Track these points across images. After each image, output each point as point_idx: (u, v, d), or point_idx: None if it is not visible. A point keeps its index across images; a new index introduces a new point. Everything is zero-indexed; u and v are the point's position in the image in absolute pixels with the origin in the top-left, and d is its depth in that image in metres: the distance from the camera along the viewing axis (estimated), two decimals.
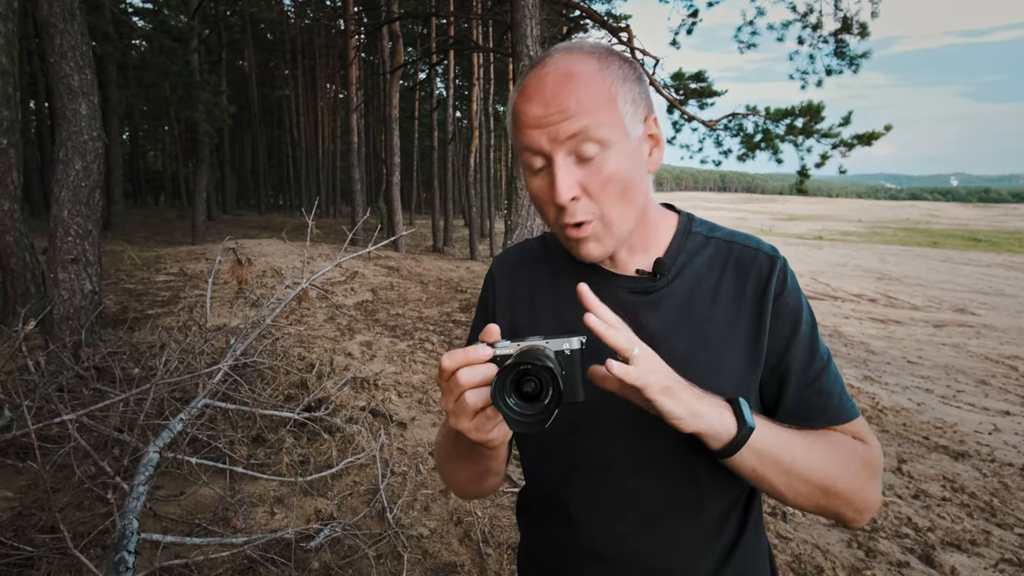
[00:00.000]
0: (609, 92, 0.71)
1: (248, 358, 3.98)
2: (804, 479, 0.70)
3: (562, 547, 0.85)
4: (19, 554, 2.24)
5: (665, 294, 0.79)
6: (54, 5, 4.42)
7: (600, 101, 0.70)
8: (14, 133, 5.07)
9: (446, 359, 0.62)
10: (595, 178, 0.71)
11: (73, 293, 4.53)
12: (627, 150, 0.72)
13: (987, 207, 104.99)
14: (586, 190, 0.72)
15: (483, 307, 0.93)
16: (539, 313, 0.85)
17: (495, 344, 0.63)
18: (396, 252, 15.29)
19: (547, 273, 0.87)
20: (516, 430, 0.59)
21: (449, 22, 19.33)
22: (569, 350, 0.63)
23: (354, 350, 5.68)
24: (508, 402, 0.58)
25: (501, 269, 0.92)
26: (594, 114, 0.69)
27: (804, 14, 9.51)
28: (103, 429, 2.95)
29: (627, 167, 0.72)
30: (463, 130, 27.22)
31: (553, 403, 0.57)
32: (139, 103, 25.89)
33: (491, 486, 0.84)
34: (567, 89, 0.70)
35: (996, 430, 4.63)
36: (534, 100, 0.71)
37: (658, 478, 0.78)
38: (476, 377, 0.61)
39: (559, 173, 0.71)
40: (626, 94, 0.73)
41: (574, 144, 0.70)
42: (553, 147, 0.71)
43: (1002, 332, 8.80)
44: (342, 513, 2.88)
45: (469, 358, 0.61)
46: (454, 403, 0.62)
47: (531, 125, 0.71)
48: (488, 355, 0.62)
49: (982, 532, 3.07)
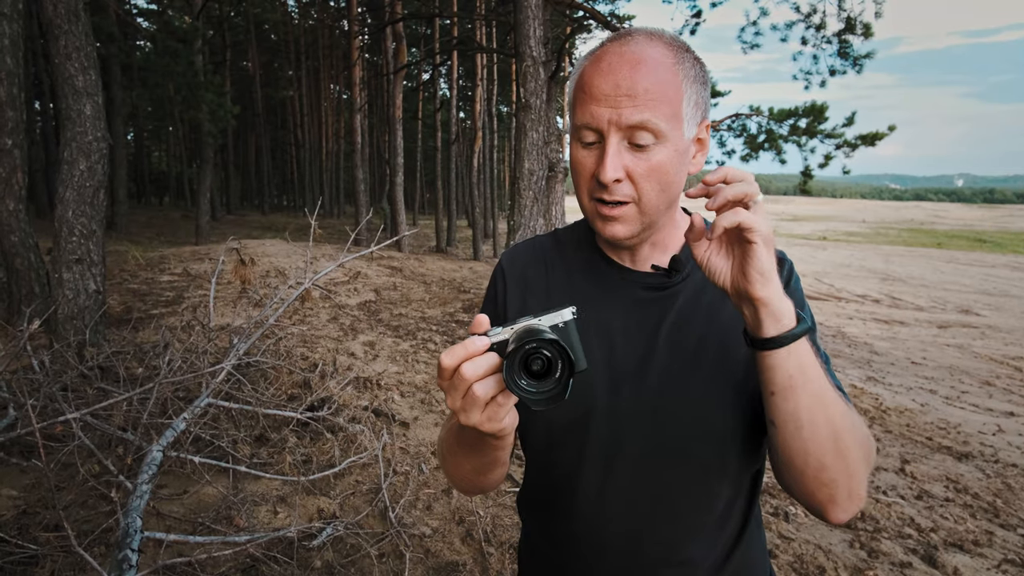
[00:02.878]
0: (678, 88, 0.72)
1: (251, 358, 3.99)
2: (827, 416, 0.67)
3: (568, 540, 0.85)
4: (23, 552, 2.25)
5: (679, 290, 0.81)
6: (59, 6, 4.45)
7: (668, 94, 0.71)
8: (19, 134, 5.10)
9: (445, 357, 0.61)
10: (642, 165, 0.72)
11: (77, 293, 4.55)
12: (679, 147, 0.74)
13: (992, 208, 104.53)
14: (630, 175, 0.73)
15: (491, 299, 0.92)
16: (548, 301, 0.86)
17: (488, 333, 0.63)
18: (399, 252, 15.30)
19: (560, 267, 0.88)
20: (537, 408, 0.59)
21: (452, 23, 19.35)
22: (563, 322, 0.63)
23: (357, 350, 5.69)
24: (521, 384, 0.58)
25: (512, 262, 0.92)
26: (658, 106, 0.70)
27: (807, 14, 9.49)
28: (107, 428, 2.96)
29: (674, 163, 0.73)
30: (467, 131, 27.25)
31: (566, 374, 0.58)
32: (143, 103, 26.00)
33: (497, 478, 0.84)
34: (640, 74, 0.70)
35: (1000, 431, 4.61)
36: (605, 75, 0.72)
37: (668, 468, 0.78)
38: (480, 369, 0.60)
39: (609, 152, 0.72)
40: (692, 95, 0.74)
41: (631, 130, 0.71)
42: (610, 127, 0.72)
43: (1007, 333, 8.76)
44: (344, 512, 2.88)
45: (469, 351, 0.60)
46: (462, 399, 0.61)
47: (595, 99, 0.72)
48: (486, 344, 0.61)
49: (985, 533, 3.06)
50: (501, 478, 0.85)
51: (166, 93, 20.49)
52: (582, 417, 0.80)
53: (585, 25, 12.10)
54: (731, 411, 0.76)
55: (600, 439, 0.80)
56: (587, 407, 0.80)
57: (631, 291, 0.81)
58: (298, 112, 34.69)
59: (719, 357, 0.77)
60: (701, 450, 0.77)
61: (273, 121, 37.71)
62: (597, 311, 0.82)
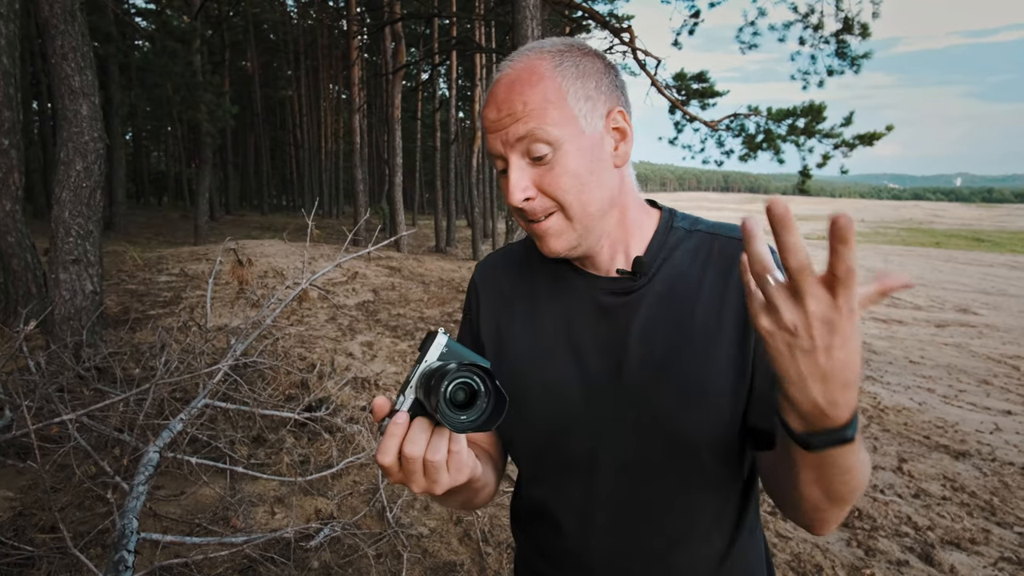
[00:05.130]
0: (559, 91, 0.71)
1: (248, 358, 3.99)
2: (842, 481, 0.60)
3: (555, 554, 0.84)
4: (19, 554, 2.25)
5: (646, 292, 0.77)
6: (55, 6, 4.44)
7: (548, 100, 0.70)
8: (16, 134, 5.09)
9: (383, 457, 0.59)
10: (548, 175, 0.71)
11: (74, 293, 4.55)
12: (582, 147, 0.71)
13: (990, 207, 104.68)
14: (541, 189, 0.72)
15: (467, 314, 0.93)
16: (519, 316, 0.85)
17: (396, 407, 0.62)
18: (398, 252, 15.30)
19: (527, 276, 0.87)
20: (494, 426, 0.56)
21: (451, 23, 19.35)
22: (445, 347, 0.63)
23: (355, 350, 5.69)
24: (462, 419, 0.56)
25: (483, 275, 0.92)
26: (541, 115, 0.70)
27: (805, 15, 9.51)
28: (103, 429, 2.96)
29: (583, 164, 0.71)
30: (466, 130, 27.24)
31: (488, 381, 0.56)
32: (142, 104, 25.96)
33: (488, 495, 0.83)
34: (515, 92, 0.71)
35: (997, 429, 4.62)
36: (489, 105, 0.73)
37: (647, 482, 0.77)
38: (420, 440, 0.59)
39: (512, 175, 0.71)
40: (578, 91, 0.72)
41: (524, 145, 0.71)
42: (506, 150, 0.71)
43: (1004, 332, 8.77)
44: (342, 512, 2.88)
45: (398, 434, 0.59)
46: (424, 477, 0.60)
47: (489, 129, 0.73)
48: (405, 416, 0.60)
49: (982, 531, 3.07)
50: (494, 492, 0.85)
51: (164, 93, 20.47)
52: (560, 433, 0.79)
53: (584, 25, 12.11)
54: (706, 420, 0.73)
55: (578, 454, 0.78)
56: (564, 423, 0.78)
57: (597, 299, 0.79)
58: (297, 112, 34.68)
59: (691, 363, 0.73)
60: (679, 462, 0.75)
61: (272, 121, 37.70)
62: (567, 323, 0.80)
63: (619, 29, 10.13)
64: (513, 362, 0.82)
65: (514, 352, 0.83)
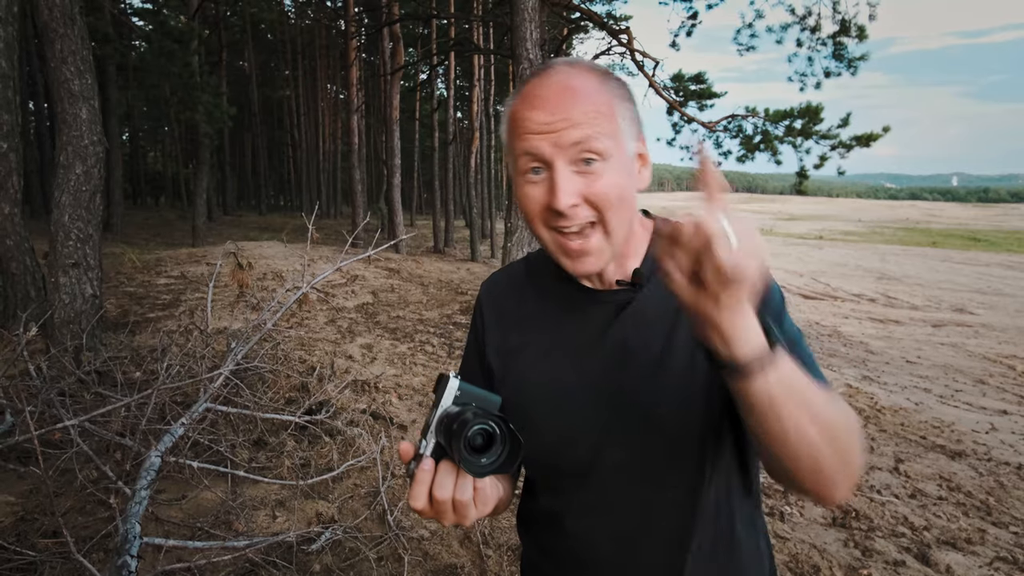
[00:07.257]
0: (610, 107, 0.73)
1: (249, 362, 4.00)
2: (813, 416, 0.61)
3: (559, 557, 0.87)
4: (22, 559, 2.26)
5: (644, 302, 0.80)
6: (54, 10, 4.44)
7: (602, 114, 0.72)
8: (14, 137, 5.09)
9: (415, 502, 0.66)
10: (594, 186, 0.72)
11: (74, 297, 4.55)
12: (623, 164, 0.74)
13: (986, 207, 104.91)
14: (585, 198, 0.72)
15: (473, 332, 0.95)
16: (528, 334, 0.87)
17: (420, 451, 0.68)
18: (397, 254, 15.30)
19: (530, 293, 0.89)
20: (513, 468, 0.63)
21: (450, 24, 19.34)
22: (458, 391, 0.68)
23: (355, 353, 5.70)
24: (482, 463, 0.62)
25: (489, 293, 0.94)
26: (597, 125, 0.71)
27: (802, 17, 9.53)
28: (105, 434, 2.97)
29: (623, 180, 0.74)
30: (464, 131, 27.22)
31: (503, 426, 0.62)
32: (139, 104, 25.93)
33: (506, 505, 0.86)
34: (572, 99, 0.72)
35: (993, 429, 4.65)
36: (538, 107, 0.73)
37: (651, 482, 0.79)
38: (448, 483, 0.65)
39: (560, 178, 0.71)
40: (624, 112, 0.75)
41: (576, 152, 0.71)
42: (555, 153, 0.71)
43: (1000, 332, 8.81)
44: (343, 516, 2.90)
45: (426, 480, 0.65)
46: (455, 514, 0.66)
47: (534, 131, 0.72)
48: (431, 462, 0.66)
49: (978, 531, 3.09)
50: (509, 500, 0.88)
51: (162, 93, 20.42)
52: (566, 442, 0.81)
53: (582, 26, 12.12)
54: (705, 419, 0.76)
55: (583, 460, 0.81)
56: (569, 432, 0.81)
57: (600, 311, 0.81)
58: (295, 112, 34.64)
59: (687, 368, 0.76)
60: (675, 466, 0.77)
61: (270, 121, 37.63)
62: (570, 336, 0.83)
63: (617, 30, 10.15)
64: (519, 376, 0.85)
65: (520, 367, 0.85)
